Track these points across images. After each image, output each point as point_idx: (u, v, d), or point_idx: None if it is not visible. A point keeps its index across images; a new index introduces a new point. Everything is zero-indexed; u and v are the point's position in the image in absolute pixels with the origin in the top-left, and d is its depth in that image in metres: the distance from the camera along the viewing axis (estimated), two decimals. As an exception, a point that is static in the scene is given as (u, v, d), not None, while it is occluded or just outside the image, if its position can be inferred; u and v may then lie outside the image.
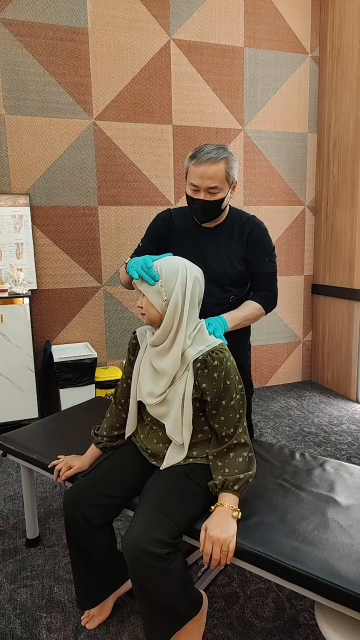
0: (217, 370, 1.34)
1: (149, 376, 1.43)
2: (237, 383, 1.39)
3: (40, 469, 1.77)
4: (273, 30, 3.66)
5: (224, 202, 1.65)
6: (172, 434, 1.39)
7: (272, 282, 1.78)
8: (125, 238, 3.53)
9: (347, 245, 3.70)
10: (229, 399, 1.36)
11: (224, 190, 1.61)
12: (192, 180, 1.60)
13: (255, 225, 1.75)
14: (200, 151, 1.58)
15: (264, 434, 3.18)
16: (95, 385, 3.27)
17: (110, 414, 1.62)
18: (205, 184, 1.57)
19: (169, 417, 1.39)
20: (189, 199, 1.65)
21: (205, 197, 1.60)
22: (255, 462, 1.40)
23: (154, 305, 1.35)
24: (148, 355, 1.44)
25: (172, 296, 1.33)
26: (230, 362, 1.38)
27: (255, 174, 3.80)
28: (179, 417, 1.37)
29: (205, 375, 1.35)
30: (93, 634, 1.58)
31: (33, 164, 3.23)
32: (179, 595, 1.30)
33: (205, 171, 1.56)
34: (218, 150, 1.57)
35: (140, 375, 1.46)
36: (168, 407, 1.39)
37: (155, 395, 1.39)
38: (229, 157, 1.59)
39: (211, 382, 1.34)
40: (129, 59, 3.33)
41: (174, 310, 1.33)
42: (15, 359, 3.04)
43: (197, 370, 1.35)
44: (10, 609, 1.69)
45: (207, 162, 1.55)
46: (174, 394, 1.37)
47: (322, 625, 1.17)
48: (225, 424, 1.37)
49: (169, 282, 1.34)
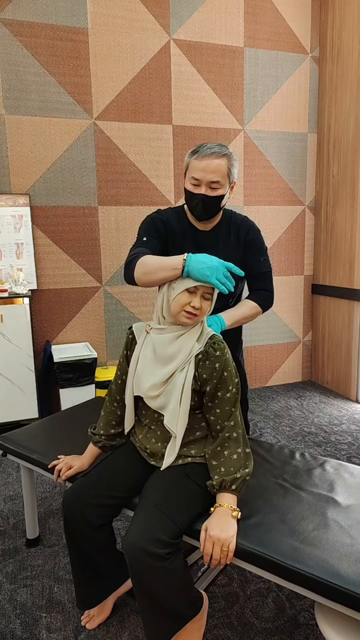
0: (219, 361, 1.36)
1: (149, 368, 1.42)
2: (234, 377, 1.40)
3: (40, 469, 1.77)
4: (273, 30, 3.66)
5: (223, 201, 1.64)
6: (169, 424, 1.39)
7: (268, 281, 1.79)
8: (125, 238, 3.53)
9: (347, 245, 3.70)
10: (225, 390, 1.38)
11: (225, 187, 1.61)
12: (194, 174, 1.58)
13: (250, 226, 1.76)
14: (202, 146, 1.58)
15: (264, 434, 3.18)
16: (95, 385, 3.27)
17: (105, 412, 1.61)
18: (208, 177, 1.56)
19: (168, 408, 1.39)
20: (189, 194, 1.63)
21: (206, 192, 1.59)
22: (251, 458, 1.40)
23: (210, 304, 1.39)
24: (151, 343, 1.43)
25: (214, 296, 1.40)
26: (228, 354, 1.40)
27: (255, 174, 3.80)
28: (177, 407, 1.38)
29: (206, 366, 1.37)
30: (93, 634, 1.58)
31: (33, 164, 3.23)
32: (179, 595, 1.30)
33: (209, 164, 1.55)
34: (221, 147, 1.59)
35: (139, 369, 1.45)
36: (167, 398, 1.39)
37: (158, 386, 1.39)
38: (231, 155, 1.60)
39: (212, 373, 1.36)
40: (129, 59, 3.33)
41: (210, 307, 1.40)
42: (15, 359, 3.04)
43: (199, 362, 1.37)
44: (10, 609, 1.69)
45: (210, 156, 1.55)
46: (174, 385, 1.38)
47: (322, 625, 1.17)
48: (219, 417, 1.38)
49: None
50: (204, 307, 1.36)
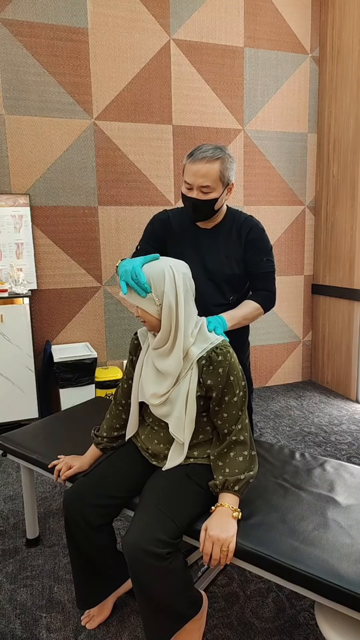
0: (222, 366, 1.35)
1: (152, 377, 1.43)
2: (240, 380, 1.39)
3: (40, 469, 1.77)
4: (273, 30, 3.66)
5: (218, 203, 1.64)
6: (175, 432, 1.39)
7: (270, 282, 1.78)
8: (125, 238, 3.53)
9: (347, 245, 3.70)
10: (232, 395, 1.37)
11: (217, 190, 1.60)
12: (186, 178, 1.61)
13: (253, 225, 1.75)
14: (197, 149, 1.58)
15: (264, 434, 3.18)
16: (95, 385, 3.27)
17: (110, 414, 1.62)
18: (198, 182, 1.57)
19: (172, 415, 1.39)
20: (183, 197, 1.66)
21: (198, 196, 1.60)
22: (256, 462, 1.40)
23: (150, 313, 1.34)
24: (150, 357, 1.44)
25: (164, 299, 1.32)
26: (233, 358, 1.38)
27: (255, 174, 3.80)
28: (182, 415, 1.37)
29: (210, 372, 1.35)
30: (93, 634, 1.58)
31: (33, 164, 3.23)
32: (179, 595, 1.30)
33: (199, 169, 1.56)
34: (215, 150, 1.57)
35: (143, 376, 1.46)
36: (172, 406, 1.39)
37: (159, 396, 1.40)
38: (225, 157, 1.58)
39: (216, 378, 1.35)
40: (129, 59, 3.33)
41: (168, 312, 1.33)
42: (15, 359, 3.04)
43: (202, 368, 1.36)
44: (10, 609, 1.69)
45: (201, 161, 1.55)
46: (178, 393, 1.38)
47: (322, 625, 1.17)
48: (227, 421, 1.37)
49: (157, 286, 1.32)
50: (141, 313, 1.35)
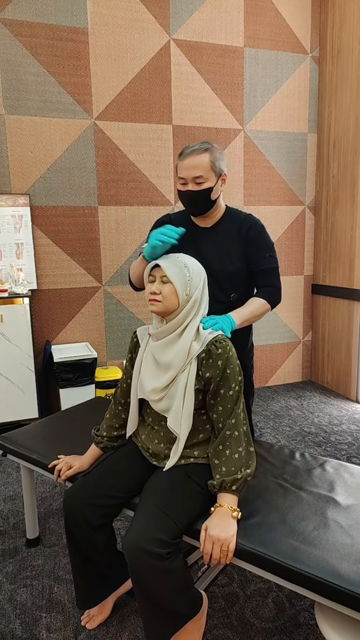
0: (221, 358, 1.36)
1: (151, 372, 1.43)
2: (237, 374, 1.40)
3: (40, 469, 1.77)
4: (273, 30, 3.66)
5: (213, 193, 1.67)
6: (172, 426, 1.39)
7: (274, 277, 1.78)
8: (125, 238, 3.53)
9: (347, 245, 3.70)
10: (228, 388, 1.37)
11: (211, 180, 1.65)
12: (180, 174, 1.67)
13: (252, 223, 1.77)
14: (186, 148, 1.67)
15: (264, 434, 3.18)
16: (95, 385, 3.27)
17: (109, 414, 1.62)
18: (191, 174, 1.64)
19: (171, 409, 1.39)
20: (179, 194, 1.71)
21: (192, 188, 1.65)
22: (254, 458, 1.40)
23: (178, 295, 1.36)
24: (150, 351, 1.45)
25: (195, 294, 1.40)
26: (232, 352, 1.39)
27: (255, 174, 3.80)
28: (180, 409, 1.38)
29: (209, 365, 1.37)
30: (93, 634, 1.58)
31: (33, 164, 3.23)
32: (179, 595, 1.30)
33: (191, 162, 1.63)
34: (202, 144, 1.66)
35: (142, 372, 1.46)
36: (170, 401, 1.40)
37: (159, 391, 1.40)
38: (213, 149, 1.66)
39: (215, 370, 1.36)
40: (129, 59, 3.33)
41: (191, 307, 1.39)
42: (15, 359, 3.04)
43: (202, 361, 1.37)
44: (10, 609, 1.69)
45: (191, 154, 1.64)
46: (176, 387, 1.38)
47: (322, 625, 1.17)
48: (222, 415, 1.38)
49: (195, 279, 1.39)
50: (164, 291, 1.36)
